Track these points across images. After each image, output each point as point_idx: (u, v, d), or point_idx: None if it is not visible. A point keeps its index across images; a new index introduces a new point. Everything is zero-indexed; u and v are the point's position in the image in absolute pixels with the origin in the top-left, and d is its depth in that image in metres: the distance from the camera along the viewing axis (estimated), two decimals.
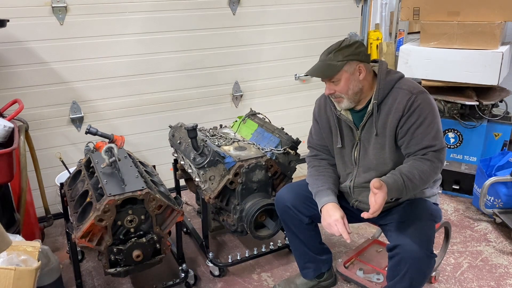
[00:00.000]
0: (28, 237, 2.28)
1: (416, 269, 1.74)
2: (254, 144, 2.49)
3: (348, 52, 1.81)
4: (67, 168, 2.68)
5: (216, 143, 2.47)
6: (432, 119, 1.81)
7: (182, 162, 2.61)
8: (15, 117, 2.36)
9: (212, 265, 2.45)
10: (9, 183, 2.34)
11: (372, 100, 1.87)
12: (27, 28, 2.68)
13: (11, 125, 2.24)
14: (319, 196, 1.95)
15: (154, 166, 2.53)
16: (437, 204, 2.02)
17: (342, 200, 2.06)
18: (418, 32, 3.38)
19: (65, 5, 2.73)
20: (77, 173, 2.35)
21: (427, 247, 1.76)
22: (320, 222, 1.96)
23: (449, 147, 3.26)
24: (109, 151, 2.08)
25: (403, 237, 1.75)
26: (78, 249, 2.44)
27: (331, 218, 1.85)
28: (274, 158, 2.36)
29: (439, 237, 2.38)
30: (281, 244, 2.57)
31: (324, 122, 2.05)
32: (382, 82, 1.86)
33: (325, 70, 1.82)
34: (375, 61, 1.95)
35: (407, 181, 1.74)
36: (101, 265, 2.04)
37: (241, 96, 3.54)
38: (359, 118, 1.94)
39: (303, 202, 2.06)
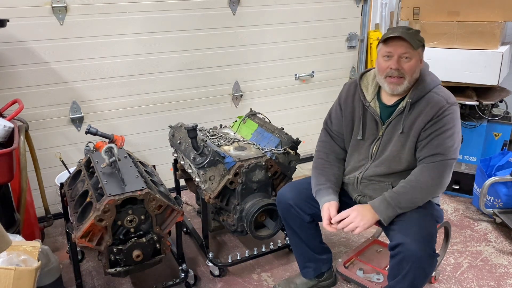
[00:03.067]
0: (28, 237, 2.28)
1: (418, 269, 1.74)
2: (254, 144, 2.49)
3: (421, 38, 1.85)
4: (67, 168, 2.68)
5: (216, 143, 2.47)
6: (454, 132, 1.83)
7: (182, 162, 2.61)
8: (15, 117, 2.36)
9: (212, 265, 2.45)
10: (9, 183, 2.34)
11: (406, 98, 1.88)
12: (27, 28, 2.68)
13: (11, 125, 2.24)
14: (320, 194, 1.97)
15: (154, 166, 2.53)
16: (438, 205, 2.02)
17: (345, 196, 2.06)
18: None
19: (65, 5, 2.73)
20: (77, 173, 2.35)
21: (429, 246, 1.75)
22: (321, 221, 1.97)
23: None
24: (109, 151, 2.08)
25: (406, 236, 1.75)
26: (78, 249, 2.44)
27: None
28: (274, 158, 2.36)
29: (439, 237, 2.37)
30: (281, 244, 2.57)
31: (349, 111, 2.03)
32: (422, 83, 1.87)
33: (412, 39, 1.80)
34: None
35: (392, 197, 1.82)
36: (101, 265, 2.04)
37: (241, 96, 3.54)
38: (387, 114, 1.93)
39: (305, 201, 2.06)
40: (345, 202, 1.95)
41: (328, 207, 1.90)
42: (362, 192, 2.02)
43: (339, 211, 1.92)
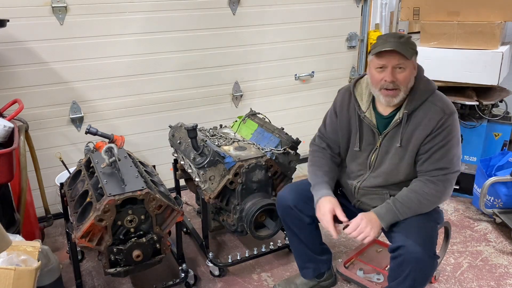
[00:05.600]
0: (28, 237, 2.29)
1: (418, 271, 1.74)
2: (254, 144, 2.49)
3: (414, 46, 1.78)
4: (67, 168, 2.68)
5: (216, 143, 2.47)
6: (455, 143, 1.80)
7: (182, 162, 2.61)
8: (15, 117, 2.37)
9: (212, 265, 2.45)
10: (9, 183, 2.34)
11: (402, 109, 1.82)
12: (27, 28, 2.68)
13: (11, 125, 2.24)
14: (316, 189, 1.95)
15: (154, 166, 2.53)
16: (438, 207, 2.02)
17: (344, 199, 2.06)
18: (418, 32, 3.38)
19: (65, 5, 2.73)
20: (77, 173, 2.35)
21: (430, 248, 1.76)
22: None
23: None
24: (109, 151, 2.08)
25: (406, 239, 1.75)
26: (78, 249, 2.44)
27: (320, 211, 1.87)
28: (274, 158, 2.36)
29: (439, 237, 2.37)
30: (281, 244, 2.57)
31: (344, 120, 1.99)
32: (418, 92, 1.81)
33: (405, 49, 1.72)
34: None
35: (400, 207, 1.80)
36: (101, 265, 2.04)
37: (241, 96, 3.54)
38: (384, 125, 1.89)
39: (305, 202, 2.04)
40: (343, 205, 1.95)
41: (323, 215, 1.86)
42: (360, 200, 2.03)
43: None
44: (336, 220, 1.87)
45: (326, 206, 1.86)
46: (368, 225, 1.79)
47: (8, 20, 2.40)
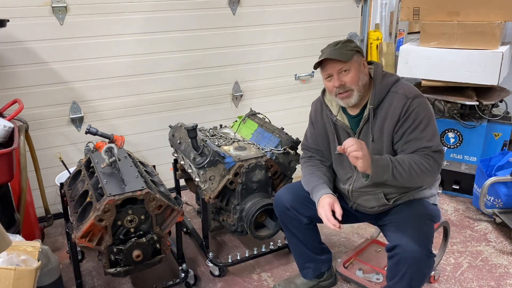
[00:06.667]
0: (28, 237, 2.29)
1: (415, 269, 1.74)
2: (254, 144, 2.49)
3: (353, 46, 1.84)
4: (67, 168, 2.68)
5: (216, 143, 2.47)
6: (427, 123, 1.80)
7: (182, 162, 2.61)
8: (15, 117, 2.37)
9: (212, 265, 2.45)
10: (9, 183, 2.35)
11: (368, 105, 1.87)
12: (27, 28, 2.68)
13: (11, 125, 2.25)
14: (315, 191, 1.96)
15: (154, 166, 2.53)
16: (435, 205, 2.02)
17: (341, 201, 2.06)
18: (418, 32, 3.38)
19: (65, 5, 2.73)
20: (77, 173, 2.35)
21: (426, 247, 1.76)
22: (320, 222, 1.97)
23: (449, 147, 3.26)
24: (109, 151, 2.08)
25: (403, 238, 1.76)
26: (78, 249, 2.44)
27: (321, 206, 1.87)
28: (274, 158, 2.36)
29: (438, 236, 2.38)
30: (281, 244, 2.57)
31: (320, 128, 2.06)
32: (378, 86, 1.86)
33: (340, 55, 1.79)
34: (369, 62, 1.94)
35: (394, 162, 1.75)
36: (101, 265, 2.04)
37: (241, 96, 3.54)
38: (355, 124, 1.93)
39: (302, 203, 2.06)
40: (342, 207, 1.94)
41: (331, 202, 1.85)
42: (355, 202, 2.04)
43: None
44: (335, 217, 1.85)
45: (325, 200, 1.87)
46: (362, 147, 1.70)
47: (8, 20, 2.40)
